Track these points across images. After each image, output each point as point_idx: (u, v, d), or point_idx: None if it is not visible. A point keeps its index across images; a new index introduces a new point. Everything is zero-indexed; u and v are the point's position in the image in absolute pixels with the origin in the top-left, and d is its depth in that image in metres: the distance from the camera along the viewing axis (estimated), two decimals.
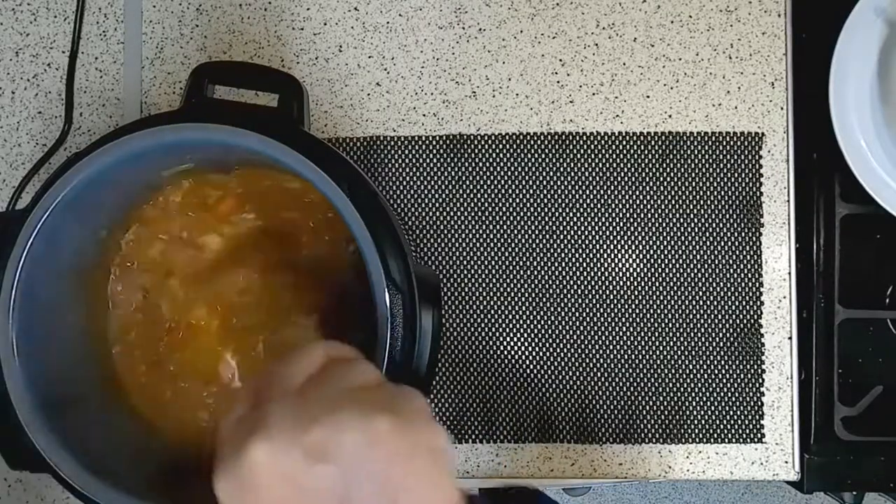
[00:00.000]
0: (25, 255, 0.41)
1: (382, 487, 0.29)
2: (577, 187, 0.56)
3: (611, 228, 0.56)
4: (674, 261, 0.55)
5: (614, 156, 0.56)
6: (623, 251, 0.56)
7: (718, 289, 0.55)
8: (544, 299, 0.55)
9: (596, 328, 0.55)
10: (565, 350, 0.55)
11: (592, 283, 0.55)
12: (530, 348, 0.55)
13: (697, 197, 0.56)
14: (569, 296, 0.55)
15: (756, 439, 0.55)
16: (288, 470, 0.29)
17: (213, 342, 0.49)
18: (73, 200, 0.42)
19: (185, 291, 0.49)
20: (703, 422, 0.55)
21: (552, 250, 0.56)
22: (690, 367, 0.55)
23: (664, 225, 0.56)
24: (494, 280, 0.56)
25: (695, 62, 0.56)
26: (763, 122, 0.56)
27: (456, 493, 0.31)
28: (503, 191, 0.56)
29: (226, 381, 0.49)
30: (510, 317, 0.56)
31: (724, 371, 0.55)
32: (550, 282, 0.55)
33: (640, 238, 0.56)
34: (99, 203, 0.45)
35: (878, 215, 0.52)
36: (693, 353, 0.55)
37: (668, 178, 0.56)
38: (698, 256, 0.55)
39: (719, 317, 0.55)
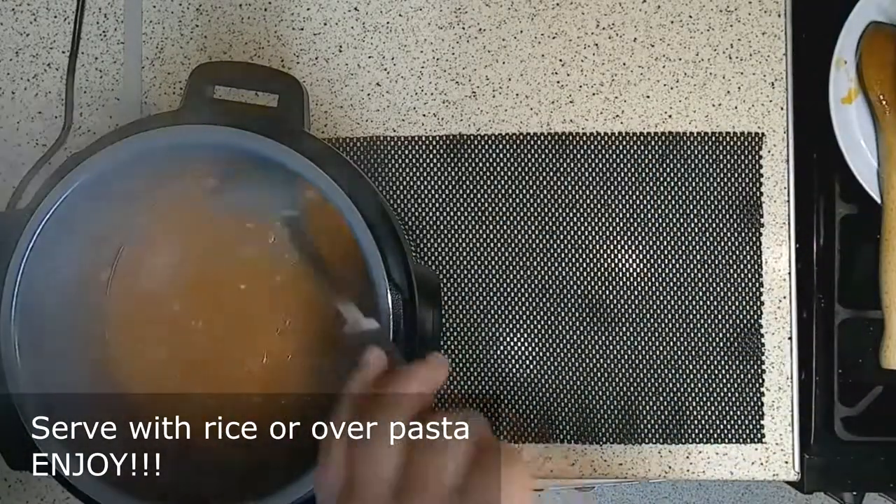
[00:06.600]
0: (27, 256, 0.41)
1: None
2: (577, 187, 0.56)
3: (611, 228, 0.56)
4: (674, 261, 0.55)
5: (614, 156, 0.56)
6: (623, 251, 0.56)
7: (718, 289, 0.55)
8: (544, 299, 0.55)
9: (596, 328, 0.55)
10: (565, 350, 0.55)
11: (592, 283, 0.55)
12: (530, 348, 0.55)
13: (697, 197, 0.56)
14: (569, 296, 0.55)
15: (756, 439, 0.55)
16: None
17: (214, 342, 0.49)
18: (74, 201, 0.42)
19: (186, 292, 0.49)
20: (703, 422, 0.55)
21: (552, 250, 0.56)
22: (690, 367, 0.55)
23: (664, 225, 0.56)
24: (494, 280, 0.56)
25: (695, 62, 0.56)
26: (763, 122, 0.56)
27: None
28: (503, 191, 0.56)
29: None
30: (510, 317, 0.56)
31: (724, 371, 0.55)
32: (550, 282, 0.55)
33: (640, 238, 0.56)
34: (99, 203, 0.45)
35: (879, 215, 0.52)
36: (693, 353, 0.55)
37: (668, 178, 0.56)
38: (698, 256, 0.55)
39: (719, 317, 0.55)
